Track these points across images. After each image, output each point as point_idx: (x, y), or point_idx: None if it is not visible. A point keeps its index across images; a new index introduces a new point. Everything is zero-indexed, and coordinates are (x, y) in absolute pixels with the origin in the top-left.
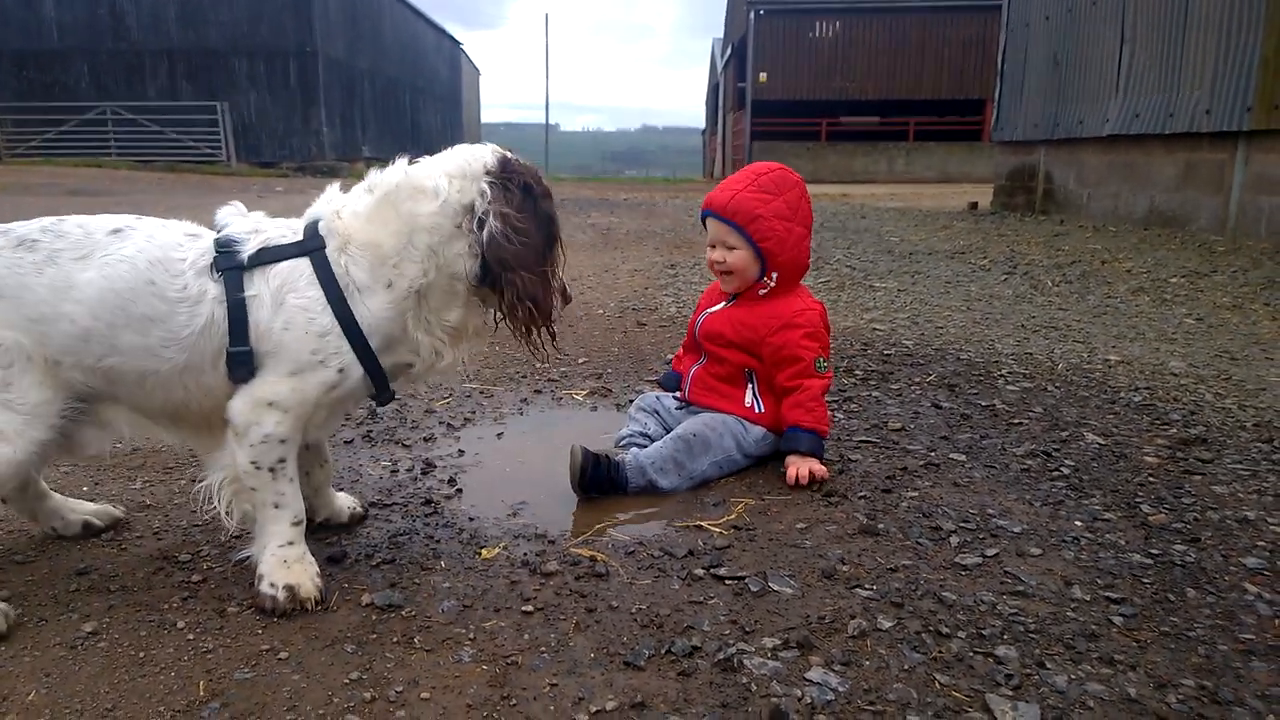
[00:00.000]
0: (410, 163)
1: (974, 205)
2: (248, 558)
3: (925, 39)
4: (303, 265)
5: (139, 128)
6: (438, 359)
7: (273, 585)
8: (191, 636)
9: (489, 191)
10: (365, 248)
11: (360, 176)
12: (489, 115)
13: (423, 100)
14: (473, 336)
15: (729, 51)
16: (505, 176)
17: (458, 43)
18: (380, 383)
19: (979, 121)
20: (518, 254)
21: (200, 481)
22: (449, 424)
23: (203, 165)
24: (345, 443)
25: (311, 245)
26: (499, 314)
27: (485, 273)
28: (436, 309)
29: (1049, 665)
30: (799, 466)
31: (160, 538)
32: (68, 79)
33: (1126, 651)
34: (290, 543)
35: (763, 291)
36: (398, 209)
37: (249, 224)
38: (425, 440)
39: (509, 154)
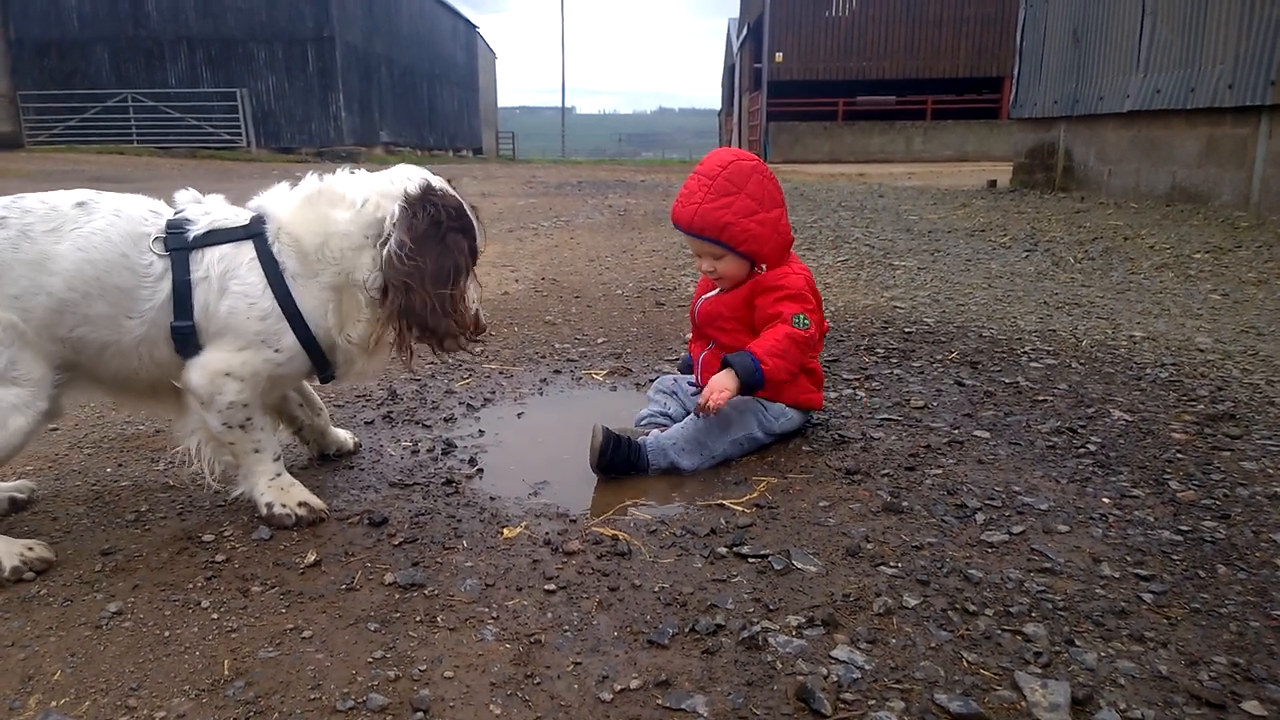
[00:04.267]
0: (351, 173)
1: (993, 183)
2: (241, 494)
3: (943, 16)
4: (246, 249)
5: (160, 115)
6: (351, 364)
7: (285, 506)
8: (216, 616)
9: (398, 214)
10: (291, 241)
11: (379, 162)
12: (504, 99)
13: (440, 85)
14: (378, 349)
15: (745, 31)
16: (418, 204)
17: (474, 26)
18: (321, 363)
19: (997, 99)
20: (409, 274)
21: (176, 448)
22: (469, 404)
23: (223, 151)
24: (366, 424)
25: (255, 230)
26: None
27: (386, 288)
28: (347, 317)
29: (1078, 643)
30: (710, 392)
31: (184, 518)
32: (89, 67)
33: (1157, 629)
34: (278, 474)
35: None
36: (317, 210)
37: (202, 207)
38: (445, 420)
39: (437, 183)
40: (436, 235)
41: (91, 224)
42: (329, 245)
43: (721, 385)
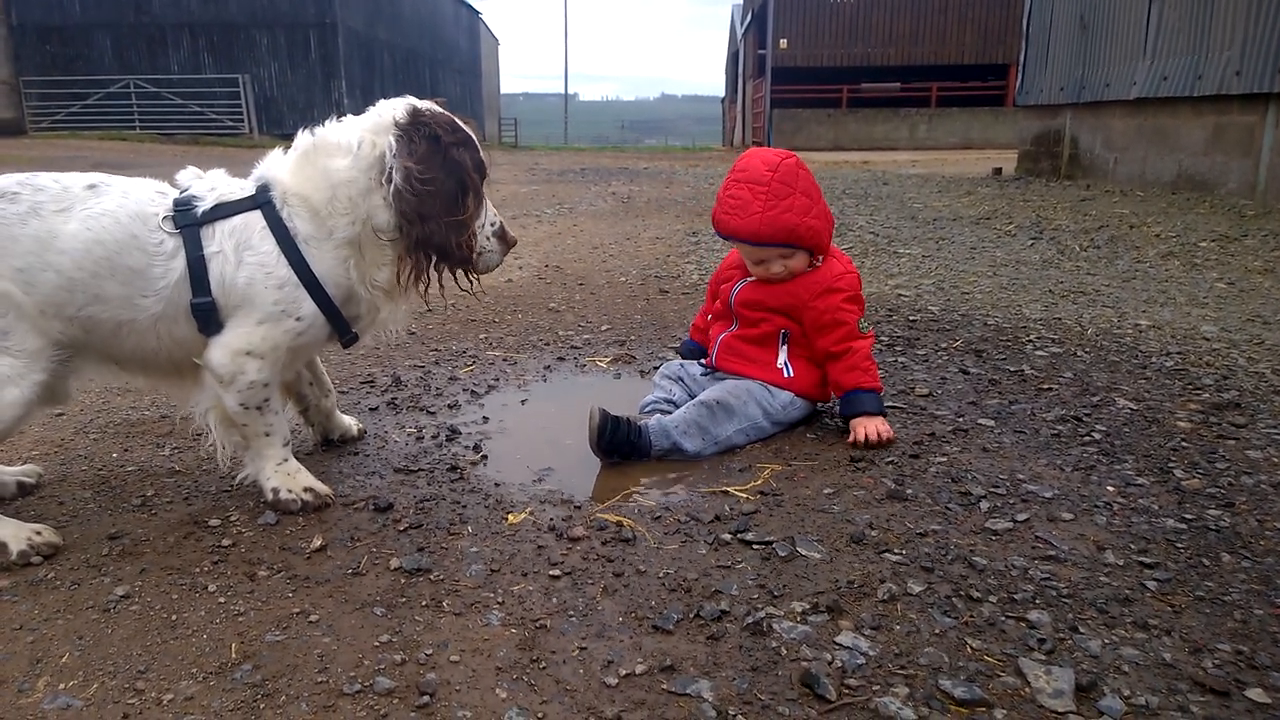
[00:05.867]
0: (338, 120)
1: (998, 171)
2: (246, 476)
3: (948, 2)
4: (255, 219)
5: (162, 101)
6: (375, 313)
7: (291, 491)
8: (223, 599)
9: (395, 145)
10: (300, 201)
11: None
12: (506, 86)
13: (442, 71)
14: (404, 294)
15: (749, 18)
16: (412, 128)
17: (476, 12)
18: (341, 327)
19: (1003, 86)
20: (422, 204)
21: (195, 422)
22: (473, 391)
23: (225, 138)
24: (370, 410)
25: (261, 199)
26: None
27: (400, 224)
28: (371, 264)
29: (1082, 630)
30: (865, 426)
31: (190, 503)
32: (91, 53)
33: (1161, 616)
34: (286, 459)
35: (807, 267)
36: (316, 165)
37: (206, 183)
38: (450, 407)
39: (424, 105)
40: (439, 154)
41: (101, 205)
42: (337, 197)
43: (874, 424)
